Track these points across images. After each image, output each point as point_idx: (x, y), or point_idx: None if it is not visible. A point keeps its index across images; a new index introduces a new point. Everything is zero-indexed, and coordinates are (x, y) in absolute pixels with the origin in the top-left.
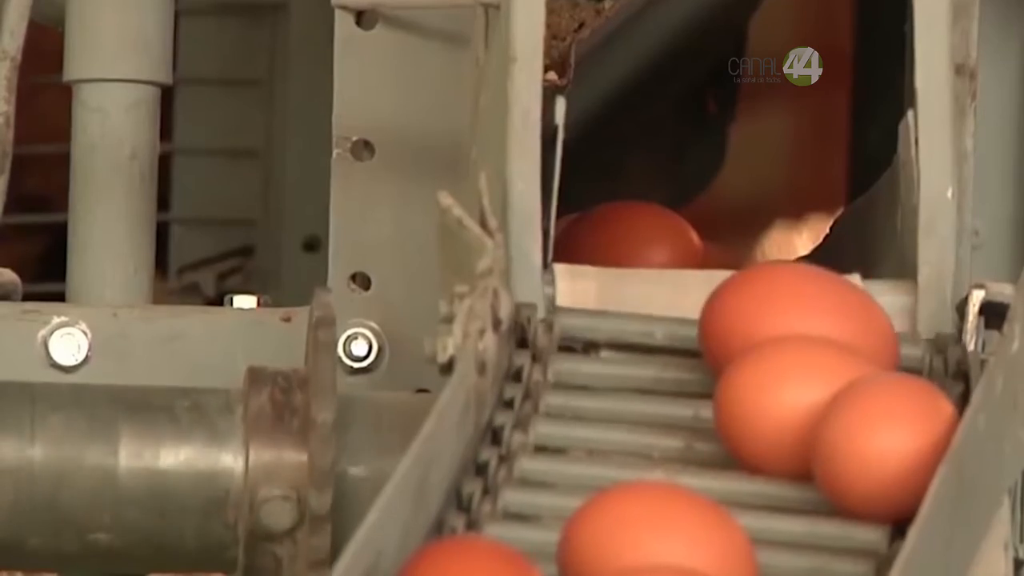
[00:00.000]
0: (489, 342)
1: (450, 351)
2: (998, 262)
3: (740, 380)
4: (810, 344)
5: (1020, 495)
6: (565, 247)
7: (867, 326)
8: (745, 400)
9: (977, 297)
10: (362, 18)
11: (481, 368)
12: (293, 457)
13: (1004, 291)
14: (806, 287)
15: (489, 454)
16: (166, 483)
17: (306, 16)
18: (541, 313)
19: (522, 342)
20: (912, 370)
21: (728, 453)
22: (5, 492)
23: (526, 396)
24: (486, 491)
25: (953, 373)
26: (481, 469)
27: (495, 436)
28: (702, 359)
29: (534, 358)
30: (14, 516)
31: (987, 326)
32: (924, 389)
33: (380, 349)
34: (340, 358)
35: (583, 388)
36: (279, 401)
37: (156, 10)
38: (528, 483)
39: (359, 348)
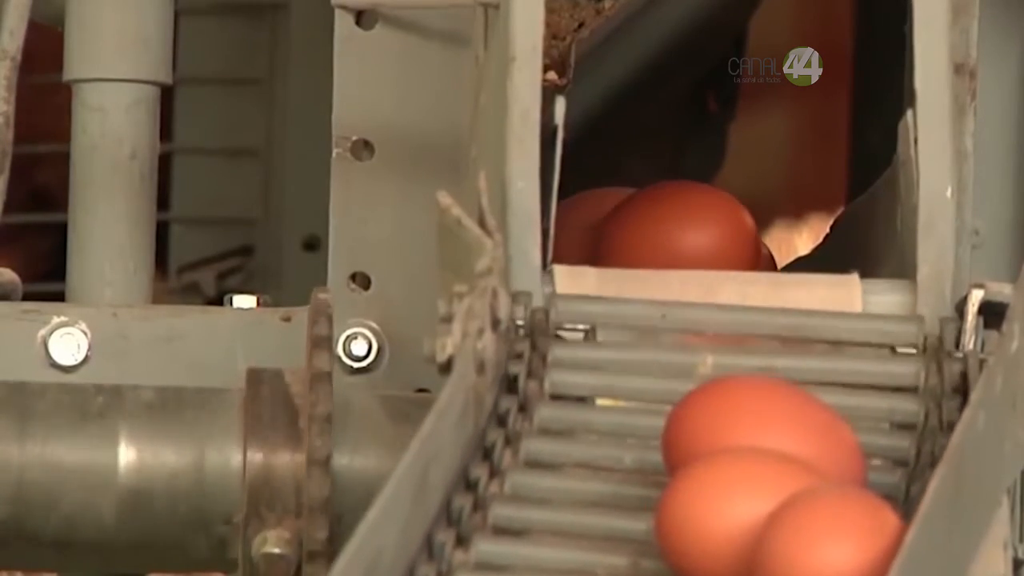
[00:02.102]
0: (488, 341)
1: (449, 351)
2: (998, 262)
3: (682, 493)
4: (756, 456)
5: (1019, 495)
6: (616, 226)
7: (829, 440)
8: (686, 513)
9: (976, 297)
10: (362, 18)
11: (480, 367)
12: (292, 456)
13: (1003, 291)
14: (767, 401)
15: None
16: (166, 483)
17: (306, 16)
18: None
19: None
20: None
21: (669, 568)
22: (4, 491)
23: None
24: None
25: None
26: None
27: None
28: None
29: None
30: (13, 515)
31: (986, 326)
32: (869, 503)
33: (380, 349)
34: (340, 358)
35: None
36: (278, 401)
37: (156, 10)
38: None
39: (359, 348)
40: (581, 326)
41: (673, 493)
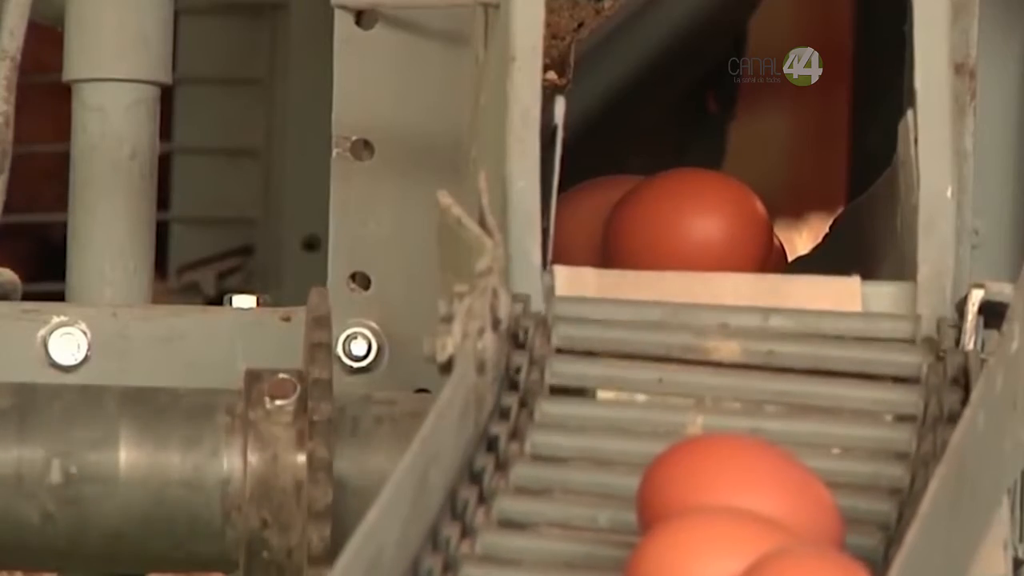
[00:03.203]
0: (488, 341)
1: (449, 351)
2: (998, 262)
3: (652, 552)
4: (729, 515)
5: (1020, 495)
6: (626, 213)
7: (805, 500)
8: (657, 573)
9: (976, 296)
10: (362, 18)
11: (480, 367)
12: (292, 456)
13: (1004, 290)
14: (743, 460)
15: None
16: (166, 483)
17: (306, 16)
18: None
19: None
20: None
21: None
22: (4, 487)
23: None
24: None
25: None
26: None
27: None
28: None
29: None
30: (13, 513)
31: (986, 325)
32: (843, 564)
33: (380, 349)
34: (339, 358)
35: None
36: (277, 400)
37: (156, 10)
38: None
39: (358, 348)
40: (576, 384)
41: (644, 552)
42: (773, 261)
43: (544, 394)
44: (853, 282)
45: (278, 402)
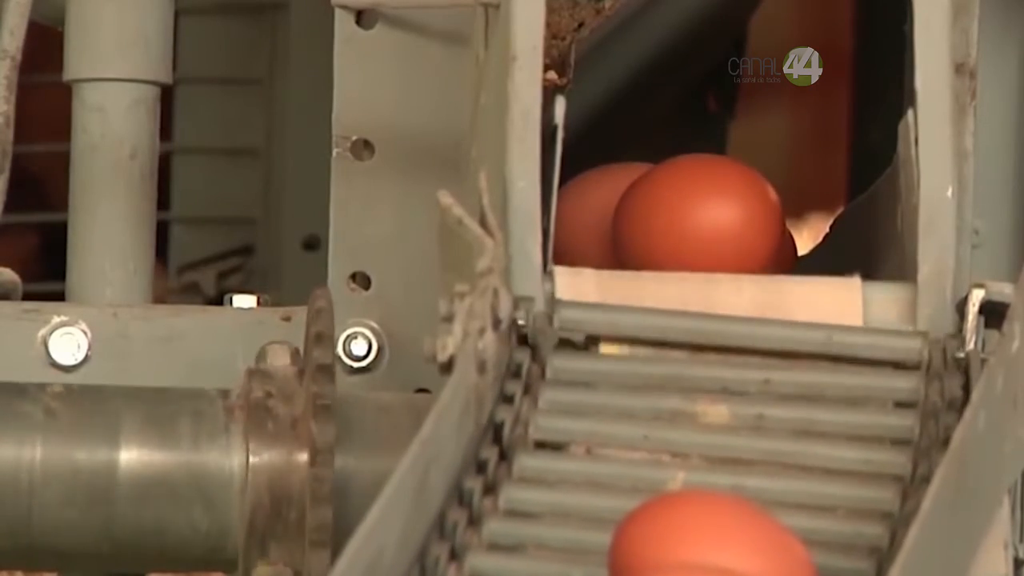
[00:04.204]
0: (489, 341)
1: (450, 350)
2: (998, 261)
3: None
4: (702, 573)
5: (1020, 495)
6: (635, 200)
7: (780, 558)
8: None
9: (977, 296)
10: (362, 18)
11: (481, 367)
12: (293, 455)
13: (1004, 290)
14: (717, 516)
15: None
16: (166, 482)
17: (306, 16)
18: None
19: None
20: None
21: None
22: (5, 486)
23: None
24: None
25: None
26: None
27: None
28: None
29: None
30: (13, 512)
31: (987, 325)
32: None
33: (380, 349)
34: (340, 358)
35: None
36: (278, 399)
37: (156, 10)
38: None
39: (359, 348)
40: (560, 439)
41: None
42: (786, 250)
43: (527, 448)
44: (853, 282)
45: (279, 399)
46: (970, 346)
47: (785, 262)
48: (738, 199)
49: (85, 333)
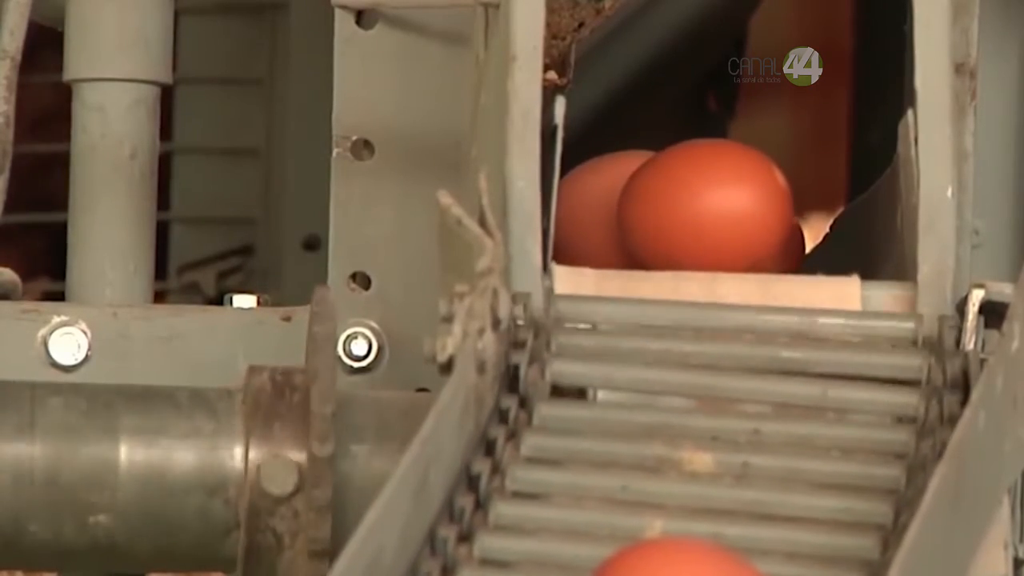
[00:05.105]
0: (488, 341)
1: (450, 350)
2: (998, 261)
3: None
4: None
5: (1020, 494)
6: (641, 187)
7: None
8: None
9: (977, 296)
10: (362, 18)
11: (481, 367)
12: (293, 452)
13: (1004, 290)
14: (692, 565)
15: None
16: (165, 482)
17: (306, 16)
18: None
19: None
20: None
21: None
22: (5, 485)
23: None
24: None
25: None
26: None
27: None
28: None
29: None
30: (13, 510)
31: (987, 325)
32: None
33: (380, 348)
34: (340, 357)
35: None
36: (278, 397)
37: (156, 10)
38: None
39: (359, 348)
40: (536, 491)
41: None
42: (796, 239)
43: (505, 497)
44: (853, 282)
45: (279, 399)
46: (970, 346)
47: (795, 251)
48: (748, 183)
49: (85, 333)
